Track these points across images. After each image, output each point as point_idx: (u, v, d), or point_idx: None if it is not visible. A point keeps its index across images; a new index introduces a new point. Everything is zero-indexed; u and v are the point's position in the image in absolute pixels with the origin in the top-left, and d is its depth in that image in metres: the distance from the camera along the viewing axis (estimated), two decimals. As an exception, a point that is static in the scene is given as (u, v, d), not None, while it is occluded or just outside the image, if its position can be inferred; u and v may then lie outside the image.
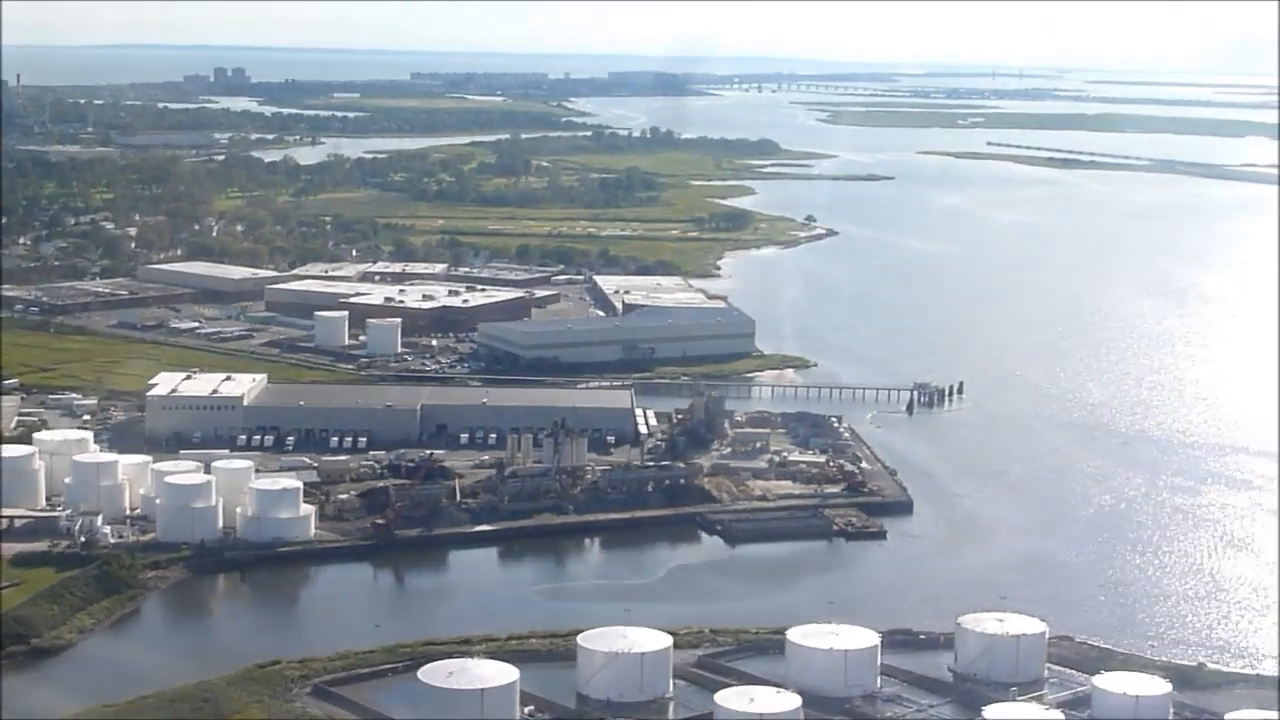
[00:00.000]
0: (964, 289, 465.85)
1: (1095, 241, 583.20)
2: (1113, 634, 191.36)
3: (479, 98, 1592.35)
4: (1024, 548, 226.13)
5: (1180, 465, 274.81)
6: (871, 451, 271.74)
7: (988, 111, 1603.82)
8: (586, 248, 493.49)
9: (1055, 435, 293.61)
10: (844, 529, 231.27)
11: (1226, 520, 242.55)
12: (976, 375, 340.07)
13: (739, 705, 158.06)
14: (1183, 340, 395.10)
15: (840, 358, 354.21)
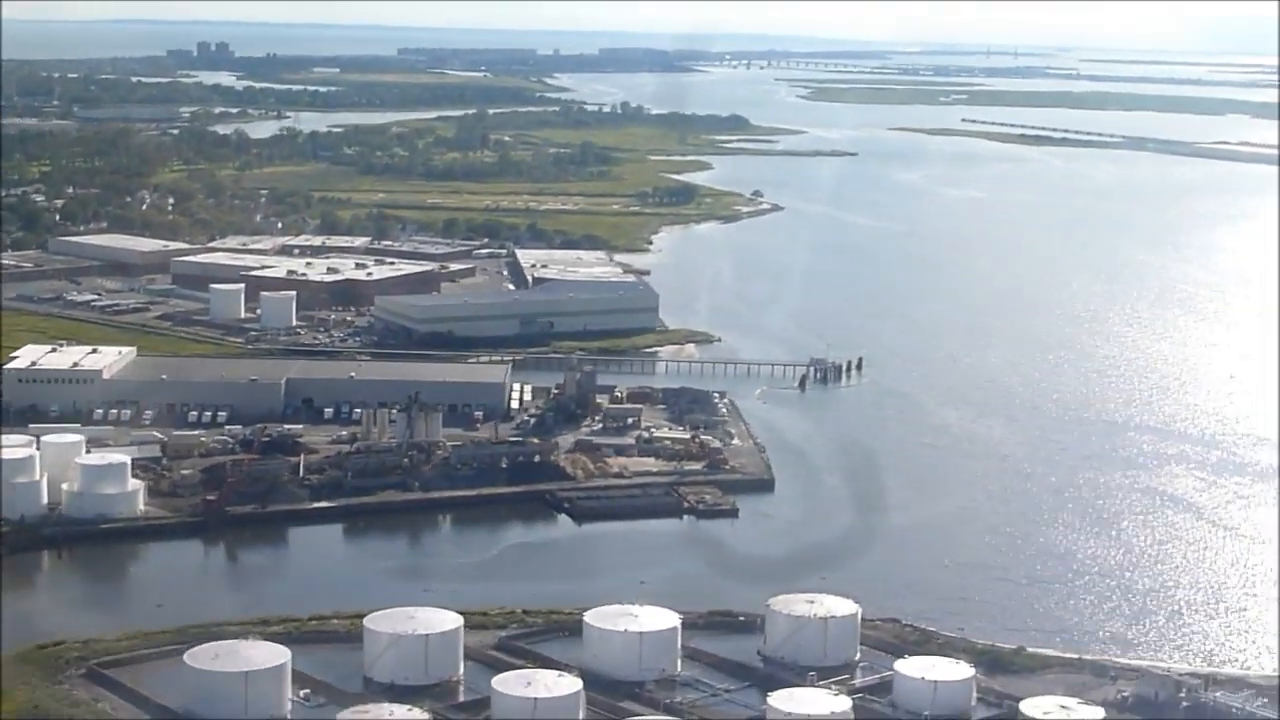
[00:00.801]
0: (895, 265, 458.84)
1: (1042, 219, 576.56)
2: (946, 617, 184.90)
3: (460, 73, 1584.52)
4: (877, 526, 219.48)
5: (1067, 443, 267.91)
6: (747, 428, 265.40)
7: (973, 89, 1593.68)
8: (517, 222, 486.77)
9: (944, 412, 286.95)
10: (695, 507, 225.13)
11: (1099, 499, 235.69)
12: (884, 351, 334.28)
13: (515, 689, 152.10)
14: (1105, 319, 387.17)
15: (749, 333, 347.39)
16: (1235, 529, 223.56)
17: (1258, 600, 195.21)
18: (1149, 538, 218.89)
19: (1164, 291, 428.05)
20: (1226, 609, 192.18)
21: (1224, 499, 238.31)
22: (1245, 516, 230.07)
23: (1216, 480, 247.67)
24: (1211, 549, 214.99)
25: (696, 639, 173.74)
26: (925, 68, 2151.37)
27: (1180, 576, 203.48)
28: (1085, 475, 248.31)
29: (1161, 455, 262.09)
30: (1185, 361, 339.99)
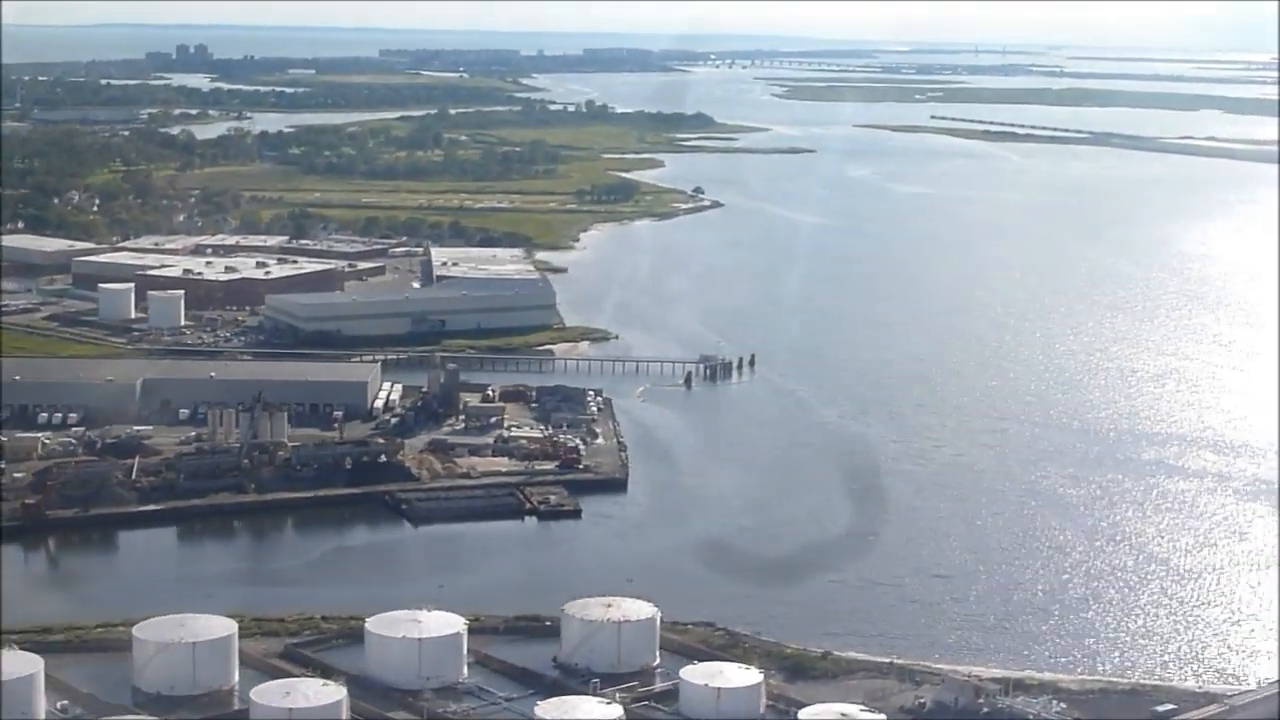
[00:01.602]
0: (821, 261, 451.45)
1: (981, 213, 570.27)
2: (766, 620, 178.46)
3: (437, 74, 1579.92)
4: (720, 528, 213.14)
5: (945, 439, 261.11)
6: (615, 427, 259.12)
7: (952, 87, 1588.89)
8: (444, 220, 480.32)
9: (826, 410, 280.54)
10: (536, 508, 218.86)
11: (961, 498, 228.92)
12: (785, 348, 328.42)
13: (272, 699, 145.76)
14: (1021, 313, 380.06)
15: (652, 330, 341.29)
16: (1098, 529, 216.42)
17: (1100, 603, 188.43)
18: (1006, 538, 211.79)
19: (1090, 285, 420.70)
20: (1062, 610, 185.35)
21: (1093, 495, 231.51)
22: (1110, 516, 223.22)
23: (1089, 477, 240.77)
24: (1069, 549, 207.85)
25: (494, 645, 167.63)
26: (908, 66, 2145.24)
27: (1027, 576, 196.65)
28: (954, 473, 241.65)
29: (1041, 451, 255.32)
30: (1093, 356, 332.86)
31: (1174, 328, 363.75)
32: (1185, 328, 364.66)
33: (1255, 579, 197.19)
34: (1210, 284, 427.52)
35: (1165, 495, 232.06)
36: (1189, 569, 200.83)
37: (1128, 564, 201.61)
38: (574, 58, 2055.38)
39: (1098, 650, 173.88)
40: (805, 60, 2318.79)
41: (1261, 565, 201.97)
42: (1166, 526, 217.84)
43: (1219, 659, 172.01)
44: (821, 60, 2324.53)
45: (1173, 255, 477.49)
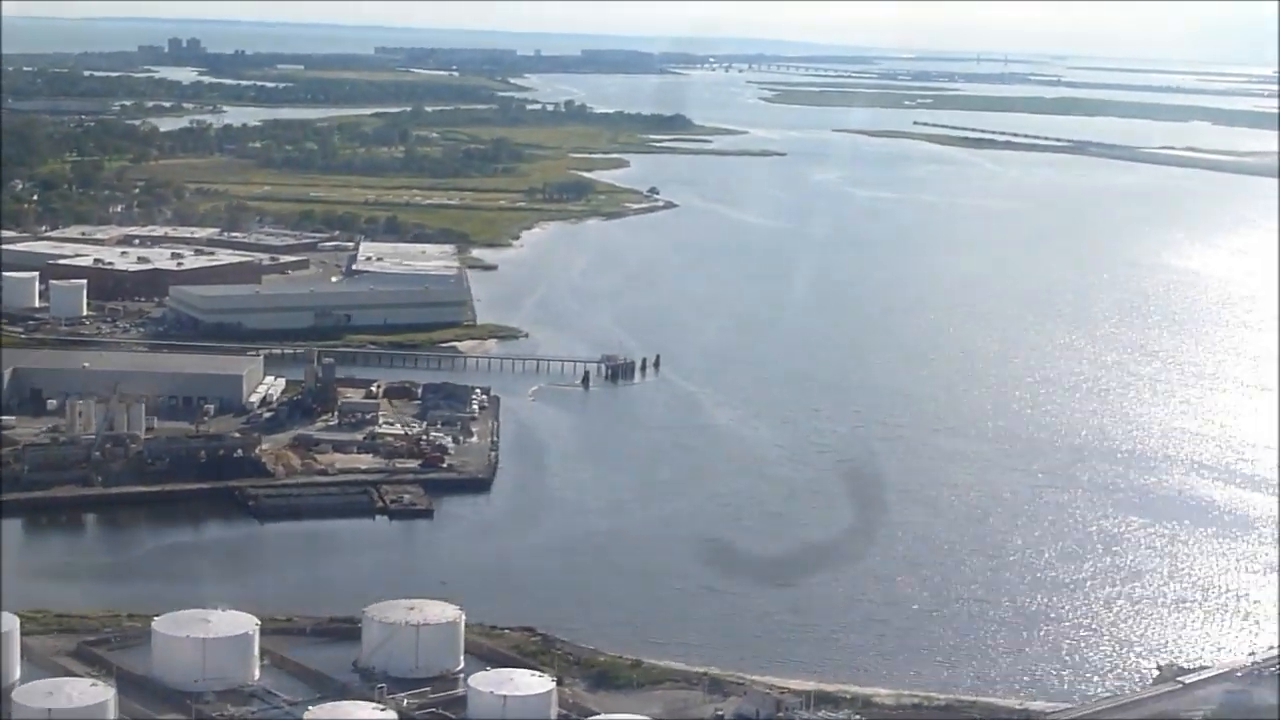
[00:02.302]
0: (760, 263, 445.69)
1: (934, 219, 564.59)
2: (590, 627, 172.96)
3: (429, 72, 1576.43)
4: (571, 531, 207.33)
5: (832, 444, 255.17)
6: (495, 425, 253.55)
7: (944, 94, 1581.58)
8: (380, 215, 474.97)
9: (719, 412, 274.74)
10: (388, 507, 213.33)
11: (829, 504, 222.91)
12: (697, 349, 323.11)
13: (33, 700, 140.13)
14: (945, 320, 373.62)
15: (566, 329, 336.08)
16: (961, 540, 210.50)
17: (943, 617, 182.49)
18: (861, 548, 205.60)
19: (1025, 291, 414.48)
20: (902, 623, 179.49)
21: (970, 503, 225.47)
22: (978, 526, 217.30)
23: (971, 484, 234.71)
24: (923, 561, 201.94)
25: (299, 647, 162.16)
26: (905, 73, 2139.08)
27: (871, 588, 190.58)
28: (831, 479, 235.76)
29: (928, 457, 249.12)
30: (1011, 362, 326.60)
31: (1101, 336, 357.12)
32: (1112, 336, 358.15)
33: (1111, 592, 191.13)
34: (1149, 295, 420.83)
35: (1045, 505, 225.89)
36: (1049, 581, 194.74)
37: (983, 576, 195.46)
38: (571, 58, 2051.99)
39: (928, 665, 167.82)
40: (805, 65, 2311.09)
41: (1119, 579, 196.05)
42: (1036, 537, 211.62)
43: (1050, 676, 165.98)
44: (821, 66, 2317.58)
45: (1120, 263, 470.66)
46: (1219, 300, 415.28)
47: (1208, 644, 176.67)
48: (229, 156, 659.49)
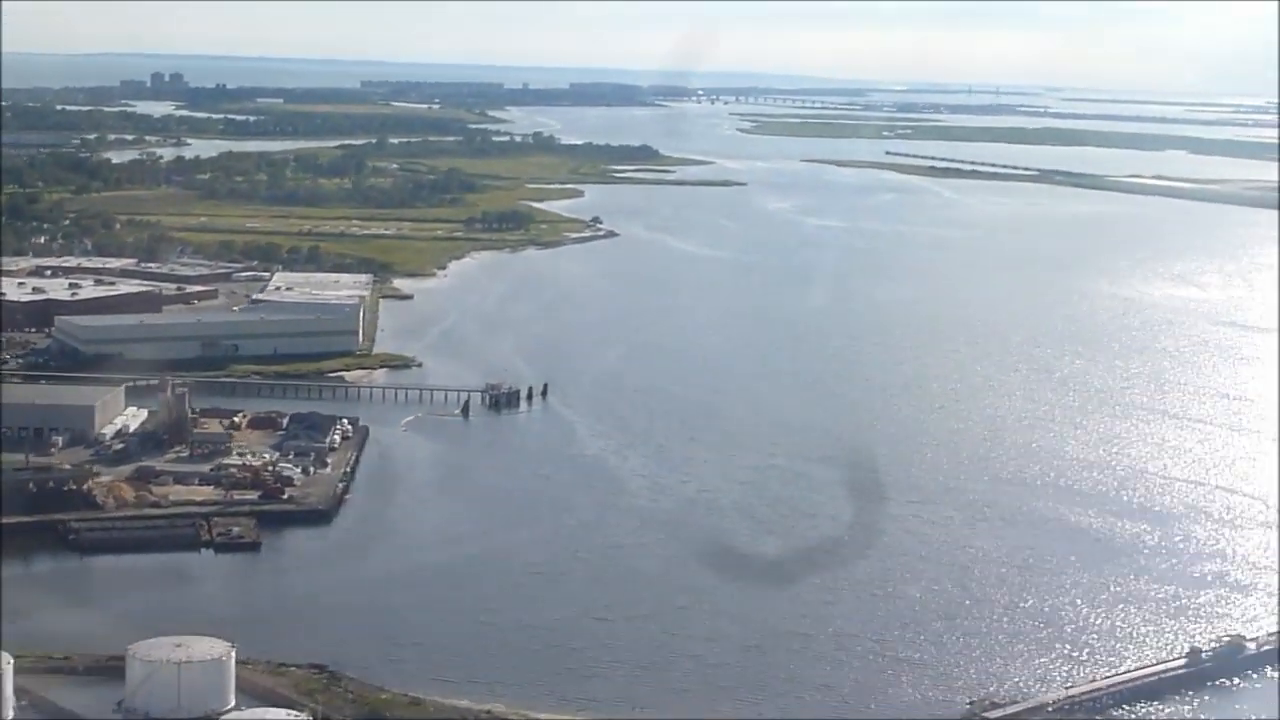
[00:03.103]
0: (681, 292, 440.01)
1: (877, 246, 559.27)
2: (384, 665, 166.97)
3: (410, 104, 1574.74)
4: (400, 565, 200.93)
5: (700, 474, 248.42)
6: (355, 456, 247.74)
7: (927, 124, 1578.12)
8: (302, 244, 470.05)
9: (595, 442, 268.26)
10: (213, 540, 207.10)
11: (678, 538, 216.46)
12: (589, 379, 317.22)
13: None
14: (856, 349, 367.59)
15: (462, 358, 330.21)
16: (795, 572, 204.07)
17: (765, 650, 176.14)
18: (702, 580, 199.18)
19: (942, 318, 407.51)
20: (718, 656, 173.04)
21: (818, 535, 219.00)
22: (829, 562, 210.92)
23: (830, 516, 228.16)
24: (764, 595, 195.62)
25: (68, 686, 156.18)
26: (892, 105, 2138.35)
27: (699, 621, 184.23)
28: (688, 510, 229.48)
29: (793, 488, 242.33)
30: (908, 390, 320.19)
31: (1003, 364, 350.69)
32: (1017, 363, 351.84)
33: (945, 624, 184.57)
34: (1067, 319, 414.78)
35: (905, 533, 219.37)
36: (881, 612, 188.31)
37: (813, 608, 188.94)
38: (557, 91, 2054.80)
39: (731, 699, 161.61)
40: (794, 97, 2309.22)
41: (957, 607, 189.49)
42: (885, 566, 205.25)
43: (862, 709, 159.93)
44: (811, 97, 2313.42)
45: (1048, 289, 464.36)
46: (1139, 324, 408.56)
47: (1032, 676, 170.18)
48: (176, 188, 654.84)
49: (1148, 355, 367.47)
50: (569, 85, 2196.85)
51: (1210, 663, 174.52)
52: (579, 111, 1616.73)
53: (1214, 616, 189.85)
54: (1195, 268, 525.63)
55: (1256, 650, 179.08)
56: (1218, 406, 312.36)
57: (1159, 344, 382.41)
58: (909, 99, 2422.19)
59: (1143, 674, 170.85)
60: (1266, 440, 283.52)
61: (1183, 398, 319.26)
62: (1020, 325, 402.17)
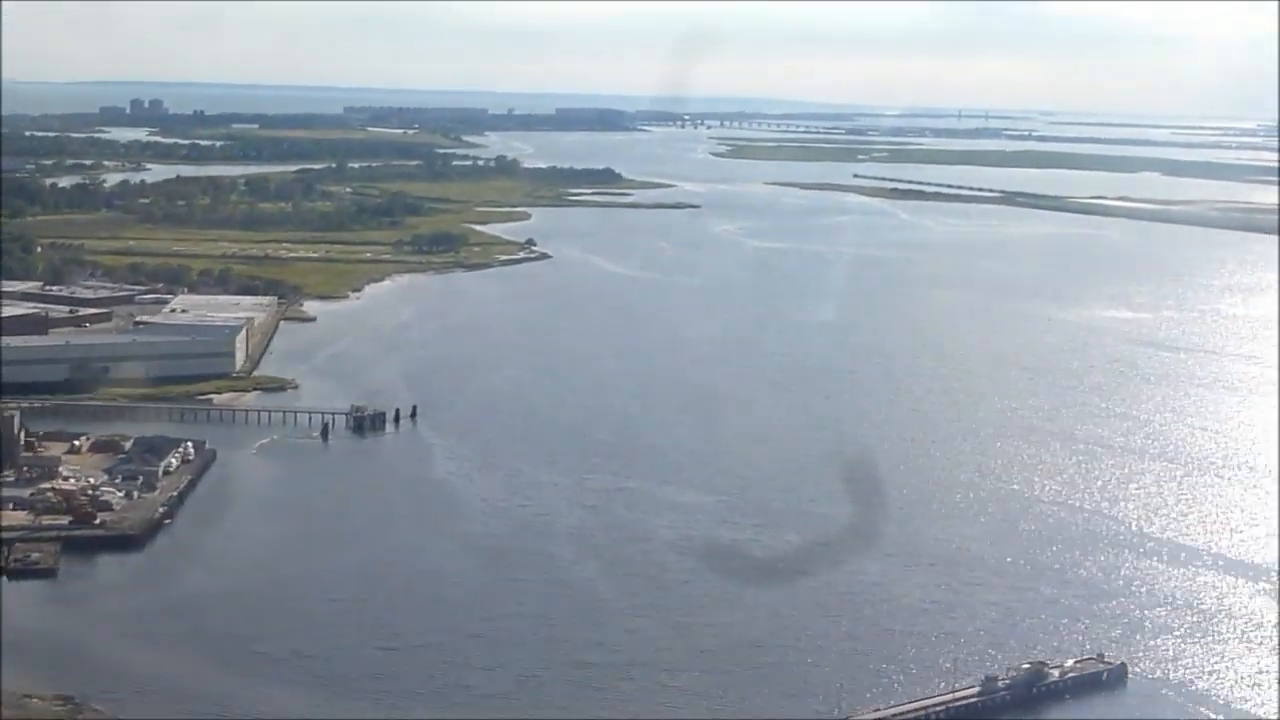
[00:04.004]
0: (594, 314, 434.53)
1: (811, 269, 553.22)
2: (138, 698, 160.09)
3: (386, 130, 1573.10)
4: (199, 589, 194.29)
5: (546, 500, 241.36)
6: (189, 481, 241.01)
7: (908, 148, 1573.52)
8: (212, 267, 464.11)
9: (448, 465, 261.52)
10: (7, 566, 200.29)
11: (500, 563, 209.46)
12: (468, 401, 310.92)
13: None
14: (756, 370, 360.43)
15: (344, 381, 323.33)
16: (615, 597, 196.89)
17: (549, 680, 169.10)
18: (503, 605, 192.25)
19: (850, 342, 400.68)
20: (471, 689, 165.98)
21: (648, 561, 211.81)
22: (642, 582, 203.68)
23: (664, 539, 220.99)
24: (547, 619, 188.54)
25: None
26: (877, 129, 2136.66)
27: (480, 648, 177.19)
28: (525, 535, 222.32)
29: (651, 507, 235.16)
30: (791, 414, 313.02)
31: (900, 385, 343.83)
32: (910, 383, 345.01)
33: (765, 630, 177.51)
34: (992, 339, 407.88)
35: (745, 557, 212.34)
36: (685, 647, 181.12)
37: (610, 636, 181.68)
38: (542, 116, 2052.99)
39: None
40: (782, 122, 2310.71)
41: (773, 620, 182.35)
42: (697, 592, 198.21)
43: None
44: (799, 122, 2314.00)
45: (982, 311, 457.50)
46: (1054, 344, 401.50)
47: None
48: (116, 212, 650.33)
49: (1053, 374, 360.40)
50: (555, 111, 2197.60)
51: (1005, 692, 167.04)
52: (557, 136, 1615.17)
53: (1034, 641, 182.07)
54: (1133, 289, 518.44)
55: (1059, 678, 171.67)
56: (1108, 427, 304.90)
57: (1068, 364, 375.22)
58: (899, 124, 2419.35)
59: (930, 703, 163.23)
60: (1145, 459, 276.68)
61: (1072, 416, 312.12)
62: (929, 344, 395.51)
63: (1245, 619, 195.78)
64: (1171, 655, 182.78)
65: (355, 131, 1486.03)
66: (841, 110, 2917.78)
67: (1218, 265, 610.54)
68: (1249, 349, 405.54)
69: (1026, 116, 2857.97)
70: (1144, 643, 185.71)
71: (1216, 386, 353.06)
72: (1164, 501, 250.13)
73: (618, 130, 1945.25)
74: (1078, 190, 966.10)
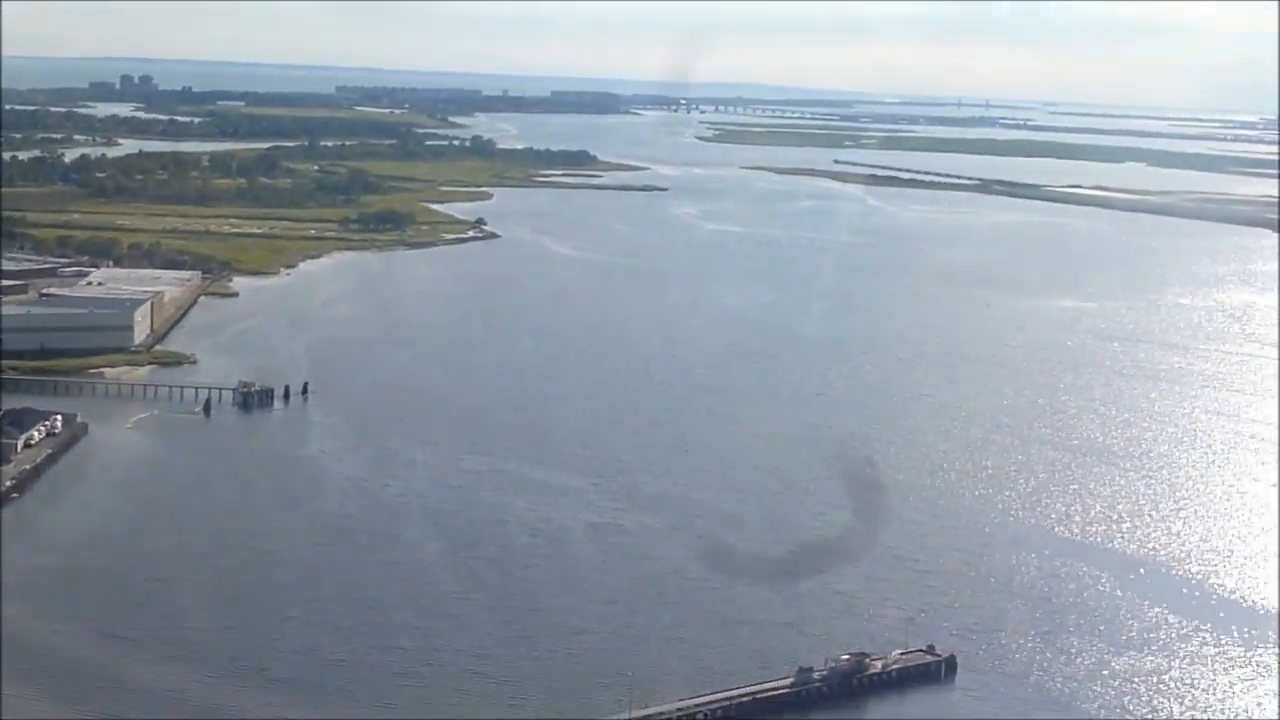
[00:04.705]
0: (526, 293, 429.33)
1: (760, 251, 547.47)
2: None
3: (375, 109, 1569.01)
4: (13, 571, 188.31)
5: (406, 479, 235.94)
6: (49, 455, 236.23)
7: (897, 135, 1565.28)
8: (140, 240, 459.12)
9: (324, 443, 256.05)
10: None
11: (335, 545, 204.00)
12: (365, 379, 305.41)
13: None
14: (650, 351, 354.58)
15: (243, 356, 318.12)
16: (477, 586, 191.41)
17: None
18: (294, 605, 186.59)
19: (783, 328, 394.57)
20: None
21: (475, 535, 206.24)
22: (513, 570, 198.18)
23: (489, 518, 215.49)
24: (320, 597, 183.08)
25: None
26: (872, 116, 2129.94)
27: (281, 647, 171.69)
28: (376, 517, 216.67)
29: (512, 486, 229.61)
30: (691, 398, 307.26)
31: (815, 368, 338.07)
32: (828, 368, 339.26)
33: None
34: (928, 326, 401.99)
35: (598, 549, 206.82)
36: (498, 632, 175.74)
37: (430, 620, 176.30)
38: (535, 98, 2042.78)
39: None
40: (779, 108, 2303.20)
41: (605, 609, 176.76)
42: (540, 578, 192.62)
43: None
44: (797, 108, 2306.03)
45: (922, 298, 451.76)
46: (990, 331, 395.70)
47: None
48: (71, 186, 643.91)
49: (975, 361, 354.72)
50: (550, 93, 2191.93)
51: (821, 684, 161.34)
52: (545, 118, 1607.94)
53: (872, 633, 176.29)
54: (1086, 278, 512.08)
55: (882, 670, 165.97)
56: (1015, 415, 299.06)
57: (992, 350, 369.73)
58: (898, 111, 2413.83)
59: (734, 695, 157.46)
60: (1040, 446, 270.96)
61: (983, 403, 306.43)
62: (857, 329, 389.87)
63: (1095, 612, 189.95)
64: (1011, 649, 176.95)
65: (341, 110, 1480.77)
66: (842, 97, 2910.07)
67: (1178, 256, 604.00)
68: (1179, 339, 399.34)
69: (1029, 106, 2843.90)
70: (986, 636, 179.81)
71: (1139, 376, 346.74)
72: (1046, 490, 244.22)
73: (611, 114, 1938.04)
74: (1059, 179, 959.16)
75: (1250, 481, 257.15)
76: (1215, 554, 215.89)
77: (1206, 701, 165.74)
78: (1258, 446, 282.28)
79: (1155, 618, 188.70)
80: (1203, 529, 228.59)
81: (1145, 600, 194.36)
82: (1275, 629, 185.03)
